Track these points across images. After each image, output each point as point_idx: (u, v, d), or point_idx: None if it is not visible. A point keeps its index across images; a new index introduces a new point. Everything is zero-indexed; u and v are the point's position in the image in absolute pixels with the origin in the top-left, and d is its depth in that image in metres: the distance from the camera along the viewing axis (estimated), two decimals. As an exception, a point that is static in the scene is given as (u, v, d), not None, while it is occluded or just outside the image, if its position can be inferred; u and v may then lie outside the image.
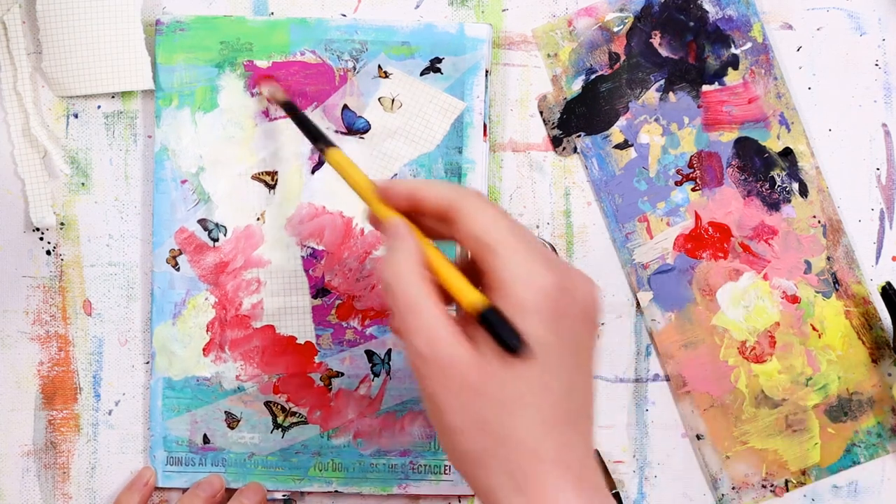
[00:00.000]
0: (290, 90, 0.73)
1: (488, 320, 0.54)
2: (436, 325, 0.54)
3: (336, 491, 0.74)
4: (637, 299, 0.75)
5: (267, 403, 0.74)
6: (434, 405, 0.55)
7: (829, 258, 0.75)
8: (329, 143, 0.63)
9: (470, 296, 0.55)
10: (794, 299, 0.75)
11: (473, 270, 0.57)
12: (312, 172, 0.74)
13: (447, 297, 0.56)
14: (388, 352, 0.74)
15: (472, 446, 0.54)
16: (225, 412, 0.74)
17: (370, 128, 0.74)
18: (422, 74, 0.73)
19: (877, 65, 0.75)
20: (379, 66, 0.74)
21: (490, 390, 0.53)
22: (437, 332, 0.54)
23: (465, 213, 0.56)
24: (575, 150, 0.75)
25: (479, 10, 0.75)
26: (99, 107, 0.75)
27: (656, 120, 0.75)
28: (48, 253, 0.75)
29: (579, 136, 0.75)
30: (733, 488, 0.75)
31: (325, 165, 0.73)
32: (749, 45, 0.75)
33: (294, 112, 0.69)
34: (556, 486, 0.53)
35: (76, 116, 0.75)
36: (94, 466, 0.75)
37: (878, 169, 0.75)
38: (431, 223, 0.58)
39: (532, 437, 0.53)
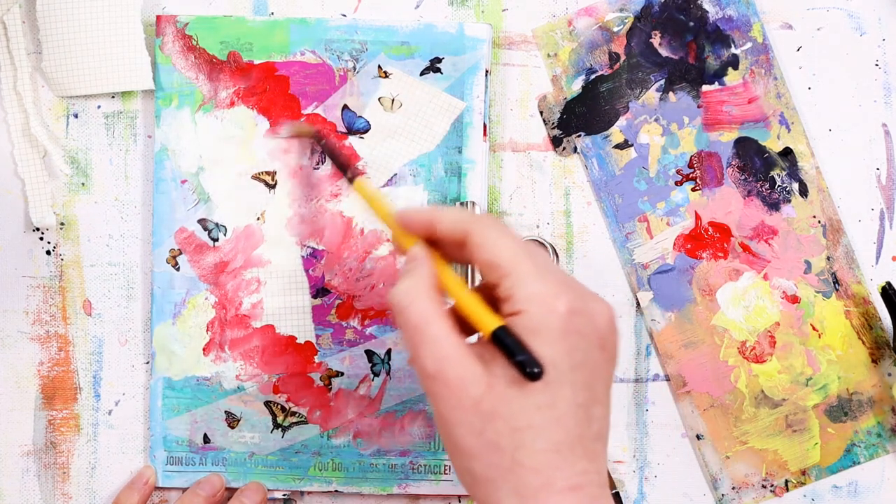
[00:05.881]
0: (291, 90, 0.74)
1: (500, 339, 0.53)
2: (444, 343, 0.54)
3: (336, 491, 0.74)
4: (637, 299, 0.75)
5: (267, 403, 0.74)
6: (444, 425, 0.54)
7: (829, 258, 0.75)
8: (356, 173, 0.66)
9: (484, 316, 0.54)
10: (794, 299, 0.75)
11: (492, 298, 0.56)
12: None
13: (466, 329, 0.56)
14: (388, 352, 0.74)
15: (482, 470, 0.53)
16: (225, 412, 0.74)
17: (370, 128, 0.74)
18: (422, 74, 0.73)
19: (877, 65, 0.75)
20: (379, 66, 0.74)
21: (502, 413, 0.53)
22: (446, 350, 0.53)
23: (478, 237, 0.55)
24: (575, 150, 0.75)
25: (479, 10, 0.75)
26: (99, 107, 0.75)
27: (656, 120, 0.75)
28: (48, 253, 0.75)
29: (579, 136, 0.75)
30: (733, 488, 0.75)
31: (325, 166, 0.73)
32: (749, 45, 0.75)
33: (322, 142, 0.71)
34: None
35: (76, 116, 0.75)
36: (94, 466, 0.75)
37: (878, 169, 0.75)
38: (450, 249, 0.58)
39: (545, 465, 0.53)
